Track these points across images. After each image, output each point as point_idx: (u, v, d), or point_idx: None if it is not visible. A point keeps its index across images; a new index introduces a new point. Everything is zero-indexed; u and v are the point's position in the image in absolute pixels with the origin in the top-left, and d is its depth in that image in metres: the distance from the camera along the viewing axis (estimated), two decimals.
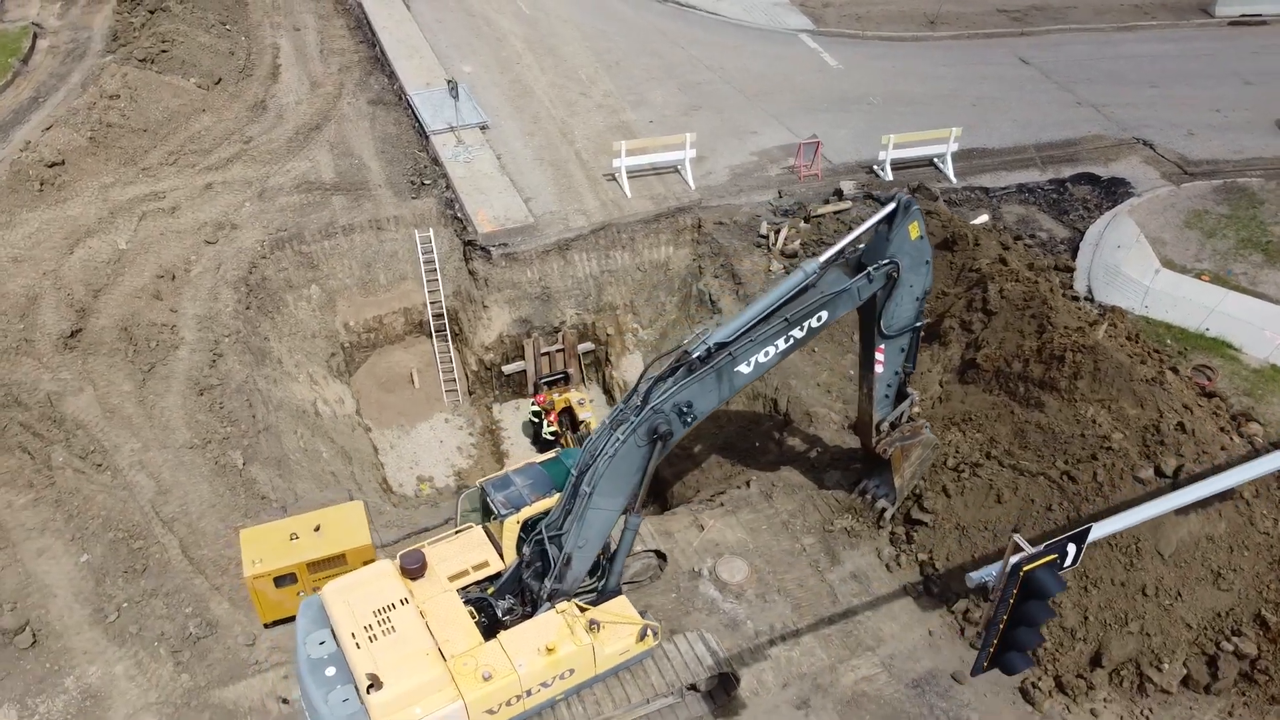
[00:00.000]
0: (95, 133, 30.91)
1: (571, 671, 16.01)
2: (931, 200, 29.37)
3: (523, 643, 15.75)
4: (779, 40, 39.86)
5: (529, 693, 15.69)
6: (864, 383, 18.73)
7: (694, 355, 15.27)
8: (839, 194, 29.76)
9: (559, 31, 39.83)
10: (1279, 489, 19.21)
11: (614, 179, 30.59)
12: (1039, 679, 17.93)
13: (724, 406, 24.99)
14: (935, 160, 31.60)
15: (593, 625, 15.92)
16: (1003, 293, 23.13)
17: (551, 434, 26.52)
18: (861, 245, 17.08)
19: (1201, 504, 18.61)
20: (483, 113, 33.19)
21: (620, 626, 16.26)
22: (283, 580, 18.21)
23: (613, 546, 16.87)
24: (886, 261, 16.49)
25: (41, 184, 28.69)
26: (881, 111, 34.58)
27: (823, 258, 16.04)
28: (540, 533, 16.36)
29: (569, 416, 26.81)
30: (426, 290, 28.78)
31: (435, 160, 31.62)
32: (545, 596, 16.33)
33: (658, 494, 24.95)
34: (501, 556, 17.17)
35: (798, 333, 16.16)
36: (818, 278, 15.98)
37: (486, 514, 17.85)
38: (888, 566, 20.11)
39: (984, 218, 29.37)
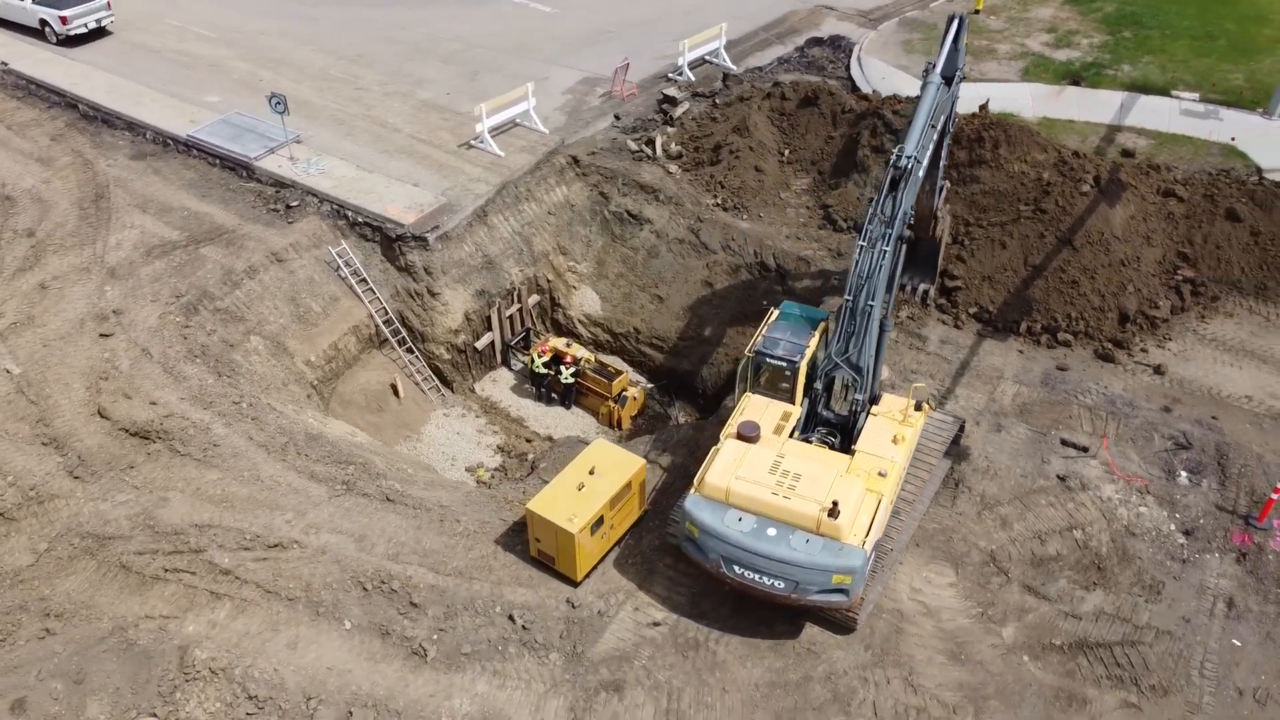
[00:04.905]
0: None
1: (913, 451, 18.97)
2: (739, 84, 34.21)
3: (875, 445, 18.31)
4: (485, 2, 41.68)
5: (899, 477, 18.44)
6: (927, 180, 23.13)
7: (904, 168, 18.64)
8: (671, 100, 33.41)
9: (270, 45, 37.87)
10: (1143, 175, 27.30)
11: (473, 146, 31.25)
12: (1105, 345, 24.20)
13: (711, 287, 28.23)
14: (708, 58, 36.36)
15: (919, 406, 18.96)
16: (896, 111, 28.81)
17: (573, 375, 27.47)
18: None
19: (1115, 196, 26.06)
20: (289, 128, 31.43)
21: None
22: (595, 526, 18.53)
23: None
24: (961, 66, 20.99)
25: None
26: (625, 35, 38.44)
27: (936, 71, 20.10)
28: (831, 362, 18.81)
29: (560, 361, 27.81)
30: (367, 302, 27.64)
31: (280, 183, 29.66)
32: (859, 409, 18.93)
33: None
34: (792, 401, 19.31)
35: (935, 135, 20.17)
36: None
37: (755, 381, 19.71)
38: (956, 326, 25.12)
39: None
